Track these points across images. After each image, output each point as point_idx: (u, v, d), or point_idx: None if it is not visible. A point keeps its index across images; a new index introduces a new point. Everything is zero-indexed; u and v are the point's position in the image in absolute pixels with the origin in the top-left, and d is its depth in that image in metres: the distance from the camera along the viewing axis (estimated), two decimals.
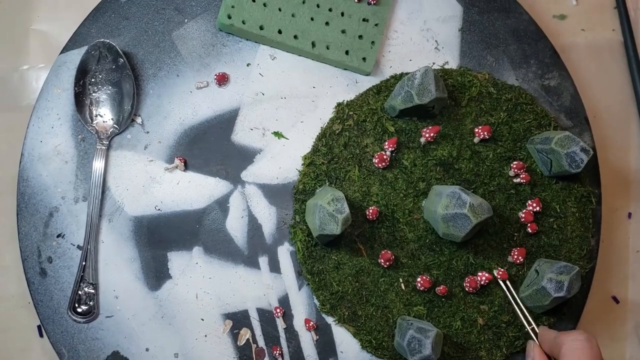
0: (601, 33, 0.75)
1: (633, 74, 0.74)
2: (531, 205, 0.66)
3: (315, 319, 0.66)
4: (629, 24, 0.75)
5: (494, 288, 0.65)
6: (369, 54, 0.68)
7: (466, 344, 0.65)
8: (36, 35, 0.70)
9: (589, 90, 0.73)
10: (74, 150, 0.66)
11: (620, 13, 0.75)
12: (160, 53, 0.67)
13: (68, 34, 0.67)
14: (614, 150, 0.73)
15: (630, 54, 0.74)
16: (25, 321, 0.67)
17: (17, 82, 0.70)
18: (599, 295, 0.71)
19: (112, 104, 0.66)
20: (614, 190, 0.72)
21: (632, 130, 0.74)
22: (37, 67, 0.70)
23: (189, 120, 0.67)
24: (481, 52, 0.70)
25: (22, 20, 0.70)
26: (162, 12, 0.68)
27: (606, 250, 0.71)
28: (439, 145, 0.66)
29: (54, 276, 0.64)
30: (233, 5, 0.66)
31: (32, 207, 0.65)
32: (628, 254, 0.72)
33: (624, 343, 0.71)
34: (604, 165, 0.70)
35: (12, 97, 0.70)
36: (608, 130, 0.73)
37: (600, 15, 0.76)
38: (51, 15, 0.71)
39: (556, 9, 0.75)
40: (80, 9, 0.68)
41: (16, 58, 0.70)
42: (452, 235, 0.61)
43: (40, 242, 0.65)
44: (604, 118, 0.73)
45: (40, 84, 0.68)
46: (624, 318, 0.71)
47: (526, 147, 0.67)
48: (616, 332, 0.71)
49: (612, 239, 0.72)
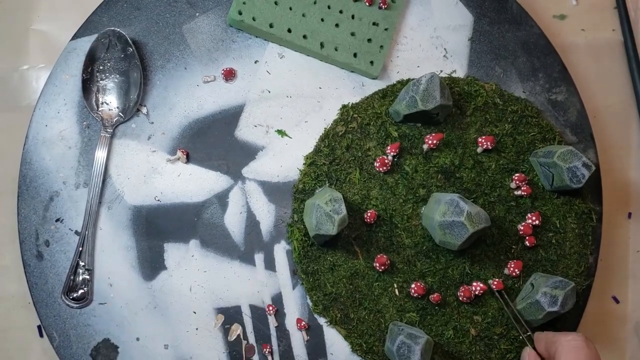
0: (601, 33, 0.75)
1: (633, 73, 0.74)
2: (531, 219, 0.65)
3: (307, 319, 0.65)
4: (629, 24, 0.75)
5: (488, 299, 0.65)
6: (377, 58, 0.68)
7: (457, 354, 0.64)
8: (36, 35, 0.71)
9: (589, 90, 0.73)
10: (78, 136, 0.66)
11: (620, 13, 0.75)
12: (169, 45, 0.68)
13: (68, 34, 0.68)
14: (614, 149, 0.73)
15: (630, 54, 0.74)
16: (25, 321, 0.67)
17: (17, 82, 0.70)
18: (599, 295, 0.71)
19: (118, 93, 0.66)
20: (614, 191, 0.72)
21: (632, 130, 0.74)
22: (37, 67, 0.70)
23: (193, 113, 0.67)
24: (489, 63, 0.70)
25: (22, 20, 0.71)
26: (174, 5, 0.68)
27: (606, 250, 0.71)
28: (442, 153, 0.66)
29: (50, 260, 0.65)
30: (244, 1, 0.66)
31: (33, 190, 0.65)
32: (628, 253, 0.72)
33: (624, 343, 0.71)
34: (605, 165, 0.70)
35: (12, 97, 0.70)
36: (608, 130, 0.73)
37: (600, 15, 0.75)
38: (51, 15, 0.71)
39: (556, 9, 0.75)
40: (81, 9, 0.69)
41: (16, 58, 0.70)
42: (448, 243, 0.61)
43: (39, 225, 0.65)
44: (604, 118, 0.73)
45: (41, 84, 0.69)
46: (624, 318, 0.71)
47: (529, 160, 0.67)
48: (616, 332, 0.71)
49: (613, 238, 0.72)
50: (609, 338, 0.71)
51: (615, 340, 0.71)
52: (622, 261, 0.72)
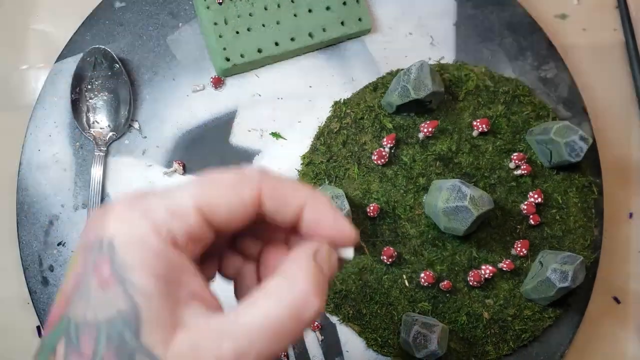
0: (602, 33, 0.75)
1: (634, 73, 0.73)
2: (533, 197, 0.65)
3: (320, 319, 0.65)
4: (630, 24, 0.74)
5: (498, 281, 0.65)
6: (361, 12, 0.68)
7: (472, 339, 0.64)
8: (36, 35, 0.70)
9: (590, 90, 0.73)
10: (72, 158, 0.66)
11: (622, 13, 0.75)
12: (155, 58, 0.67)
13: (68, 34, 0.67)
14: (615, 149, 0.73)
15: (632, 54, 0.74)
16: (25, 321, 0.66)
17: (17, 82, 0.70)
18: (601, 295, 0.70)
19: (109, 110, 0.66)
20: (615, 190, 0.72)
21: (633, 129, 0.74)
22: (37, 67, 0.70)
23: (186, 124, 0.67)
24: (477, 46, 0.70)
25: (22, 20, 0.70)
26: (156, 17, 0.68)
27: (607, 250, 0.70)
28: (438, 140, 0.66)
29: (55, 284, 0.64)
30: (224, 47, 0.65)
31: (32, 217, 0.65)
32: (629, 253, 0.72)
33: (625, 343, 0.70)
34: (605, 165, 0.70)
35: (12, 97, 0.69)
36: (609, 130, 0.73)
37: (602, 14, 0.75)
38: (51, 15, 0.71)
39: (557, 9, 0.75)
40: (80, 9, 0.68)
41: (16, 58, 0.70)
42: (453, 229, 0.61)
43: (41, 251, 0.64)
44: (605, 118, 0.73)
45: (40, 84, 0.68)
46: (625, 318, 0.71)
47: (525, 139, 0.67)
48: (617, 331, 0.70)
49: (614, 238, 0.71)
50: (610, 337, 0.70)
51: (617, 340, 0.70)
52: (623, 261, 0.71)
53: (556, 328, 0.66)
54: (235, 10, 0.66)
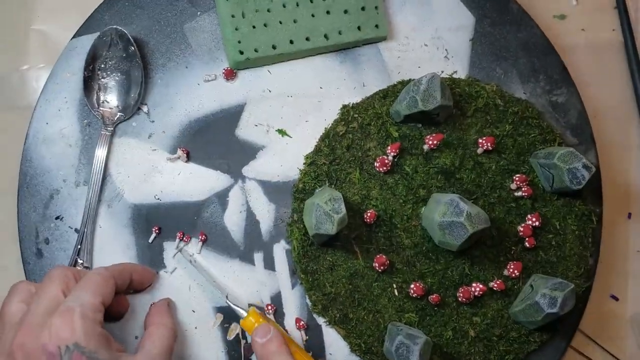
0: (601, 33, 0.75)
1: (633, 74, 0.74)
2: (531, 220, 0.65)
3: (307, 319, 0.65)
4: (629, 24, 0.75)
5: (488, 300, 0.65)
6: (379, 19, 0.68)
7: (456, 355, 0.64)
8: (36, 35, 0.71)
9: (589, 90, 0.73)
10: (78, 134, 0.66)
11: (621, 13, 0.75)
12: (171, 44, 0.68)
13: (68, 34, 0.68)
14: (614, 150, 0.73)
15: (631, 54, 0.74)
16: None
17: (17, 82, 0.70)
18: (599, 294, 0.71)
19: (119, 91, 0.66)
20: (614, 190, 0.72)
21: (632, 130, 0.74)
22: (37, 67, 0.70)
23: (194, 112, 0.67)
24: (490, 64, 0.70)
25: (22, 20, 0.71)
26: (175, 4, 0.68)
27: (606, 249, 0.70)
28: (442, 154, 0.66)
29: (49, 257, 0.65)
30: (239, 40, 0.66)
31: (33, 188, 0.65)
32: (628, 253, 0.72)
33: (624, 342, 0.71)
34: (604, 166, 0.70)
35: (12, 97, 0.70)
36: (608, 130, 0.73)
37: (601, 15, 0.76)
38: (51, 15, 0.71)
39: (556, 9, 0.75)
40: (81, 9, 0.69)
41: (16, 58, 0.70)
42: (447, 244, 0.61)
43: (39, 223, 0.65)
44: (604, 118, 0.73)
45: (41, 84, 0.69)
46: (623, 317, 0.71)
47: (529, 162, 0.67)
48: (616, 331, 0.71)
49: (612, 238, 0.72)
50: (609, 337, 0.71)
51: (615, 340, 0.71)
52: (622, 261, 0.72)
53: (541, 352, 0.66)
54: (254, 4, 0.66)
